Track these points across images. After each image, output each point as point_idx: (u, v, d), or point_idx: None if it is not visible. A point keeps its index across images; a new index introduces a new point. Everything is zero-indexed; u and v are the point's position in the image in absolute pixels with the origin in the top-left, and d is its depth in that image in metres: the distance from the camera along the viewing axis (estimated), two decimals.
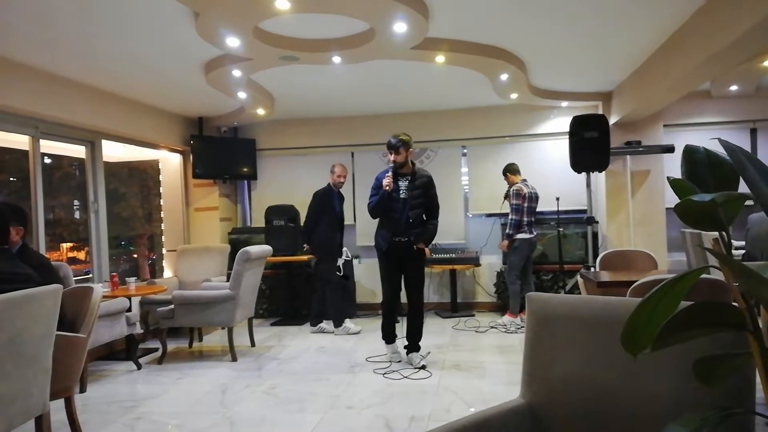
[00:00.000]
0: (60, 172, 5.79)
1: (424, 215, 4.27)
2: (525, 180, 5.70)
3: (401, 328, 4.43)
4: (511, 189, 5.59)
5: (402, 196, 4.19)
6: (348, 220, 6.97)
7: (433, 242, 6.50)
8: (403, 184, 4.21)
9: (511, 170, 5.76)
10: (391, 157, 4.19)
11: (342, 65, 4.54)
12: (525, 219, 5.50)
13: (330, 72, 4.80)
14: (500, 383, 3.84)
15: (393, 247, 4.21)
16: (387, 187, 4.11)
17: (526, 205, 5.51)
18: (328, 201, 5.64)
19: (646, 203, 6.06)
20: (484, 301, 6.58)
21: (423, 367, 4.18)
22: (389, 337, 4.42)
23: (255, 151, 6.94)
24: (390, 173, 4.16)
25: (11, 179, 5.28)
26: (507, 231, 5.57)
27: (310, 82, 5.19)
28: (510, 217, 5.54)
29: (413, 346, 4.34)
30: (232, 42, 3.90)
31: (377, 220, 4.36)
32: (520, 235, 5.50)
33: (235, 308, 4.68)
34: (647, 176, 6.07)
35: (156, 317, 4.87)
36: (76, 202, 5.79)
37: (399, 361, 4.35)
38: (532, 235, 5.56)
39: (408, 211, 4.18)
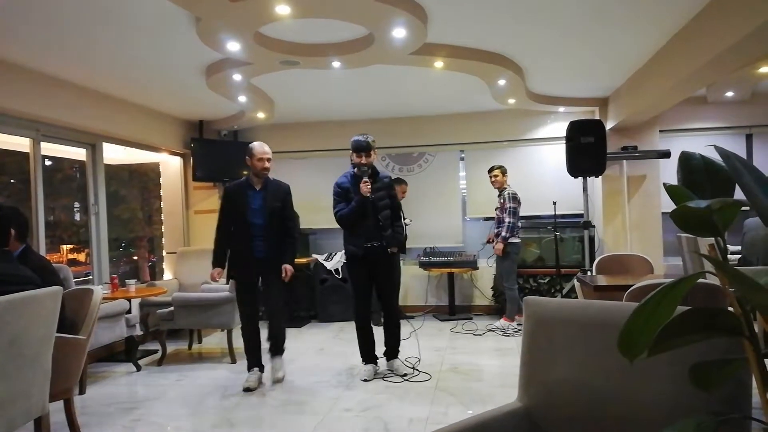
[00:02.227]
0: (60, 174, 5.80)
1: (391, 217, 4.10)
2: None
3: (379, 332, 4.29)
4: (507, 192, 5.58)
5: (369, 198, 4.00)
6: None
7: (432, 245, 6.59)
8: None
9: (504, 170, 5.71)
10: (362, 160, 3.97)
11: (341, 70, 4.57)
12: (518, 224, 5.54)
13: (329, 76, 4.82)
14: (498, 386, 3.86)
15: (366, 253, 4.02)
16: (367, 194, 3.92)
17: (520, 209, 5.54)
18: (238, 198, 4.01)
19: (643, 208, 6.09)
20: (481, 304, 6.60)
21: (404, 377, 4.06)
22: (367, 356, 4.17)
23: None
24: (367, 179, 3.94)
25: (12, 181, 5.28)
26: (504, 234, 5.49)
27: (309, 86, 5.22)
28: (508, 220, 5.49)
29: (392, 353, 4.21)
30: (233, 46, 3.92)
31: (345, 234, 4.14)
32: (513, 240, 5.52)
33: (234, 310, 4.68)
34: (643, 181, 6.10)
35: (156, 319, 4.87)
36: (76, 205, 5.79)
37: (371, 380, 4.05)
38: (519, 240, 5.62)
39: (377, 213, 4.00)
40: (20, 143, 4.66)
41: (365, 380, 4.01)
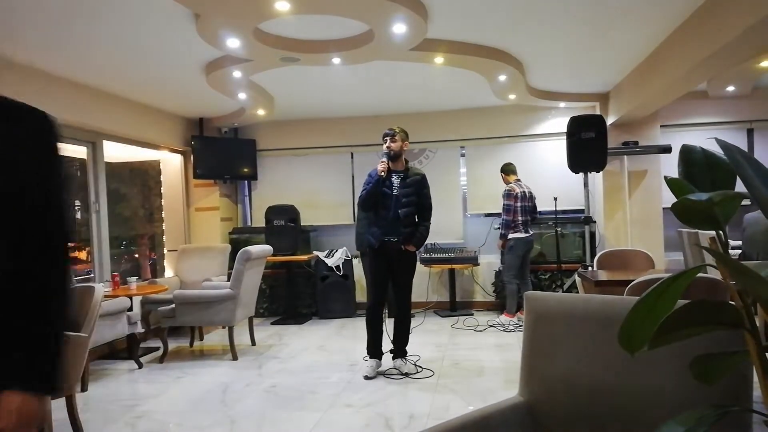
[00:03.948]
0: None
1: (415, 216, 4.08)
2: (518, 180, 5.72)
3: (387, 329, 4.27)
4: (504, 190, 5.64)
5: (394, 192, 4.02)
6: (348, 219, 6.98)
7: (433, 242, 6.59)
8: (395, 180, 4.04)
9: (504, 170, 5.81)
10: (386, 144, 4.02)
11: (341, 66, 4.56)
12: (520, 218, 5.53)
13: (330, 73, 4.81)
14: (499, 381, 3.86)
15: (382, 246, 4.02)
16: (382, 173, 3.94)
17: (519, 204, 5.53)
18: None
19: (643, 203, 6.08)
20: (482, 300, 6.60)
21: (407, 375, 4.04)
22: (374, 352, 4.13)
23: (255, 151, 6.96)
24: (384, 159, 3.99)
25: None
26: (502, 231, 5.61)
27: (309, 83, 5.21)
28: (502, 217, 5.58)
29: (400, 352, 4.18)
30: (233, 43, 3.91)
31: (364, 224, 4.13)
32: (514, 234, 5.53)
33: (235, 307, 4.70)
34: (644, 176, 6.10)
35: (157, 316, 4.88)
36: (77, 203, 5.79)
37: (375, 377, 4.01)
38: (527, 234, 5.58)
39: (398, 208, 3.99)
40: None
41: (367, 377, 3.99)
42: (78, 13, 3.38)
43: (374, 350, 4.14)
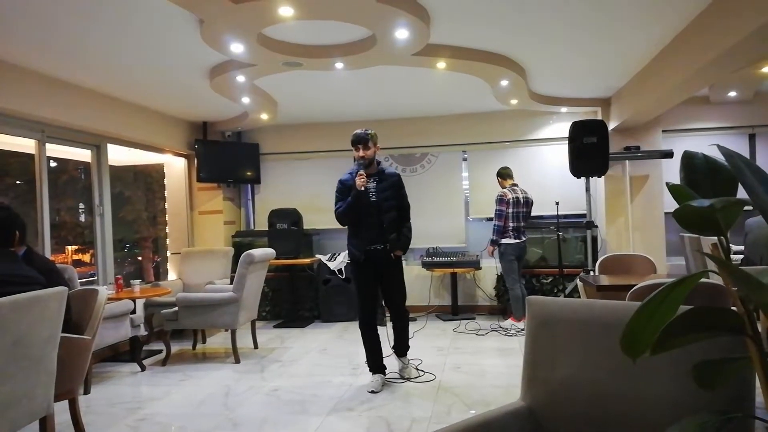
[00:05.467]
0: (66, 175, 5.82)
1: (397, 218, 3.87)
2: (515, 185, 5.73)
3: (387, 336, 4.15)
4: (497, 195, 5.67)
5: (372, 198, 3.78)
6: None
7: (435, 245, 6.60)
8: (371, 185, 3.78)
9: (500, 174, 5.84)
10: (359, 153, 3.73)
11: (344, 71, 4.58)
12: (511, 224, 5.55)
13: (332, 78, 4.83)
14: (500, 386, 3.86)
15: (368, 256, 3.81)
16: (361, 187, 3.66)
17: (511, 210, 5.55)
18: None
19: (645, 208, 6.08)
20: (484, 304, 6.60)
21: (408, 379, 4.01)
22: (375, 367, 3.93)
23: (258, 155, 6.99)
24: (362, 171, 3.71)
25: (17, 183, 5.31)
26: (491, 237, 5.64)
27: (312, 87, 5.23)
28: (494, 222, 5.61)
29: (402, 351, 4.10)
30: (237, 48, 3.94)
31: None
32: (504, 240, 5.56)
33: (238, 310, 4.71)
34: (646, 181, 6.10)
35: (160, 319, 4.89)
36: (81, 206, 5.81)
37: (380, 391, 3.80)
38: (518, 240, 5.59)
39: (381, 214, 3.77)
40: (26, 145, 4.68)
41: (373, 391, 3.79)
42: (82, 16, 3.41)
43: (374, 365, 3.96)
